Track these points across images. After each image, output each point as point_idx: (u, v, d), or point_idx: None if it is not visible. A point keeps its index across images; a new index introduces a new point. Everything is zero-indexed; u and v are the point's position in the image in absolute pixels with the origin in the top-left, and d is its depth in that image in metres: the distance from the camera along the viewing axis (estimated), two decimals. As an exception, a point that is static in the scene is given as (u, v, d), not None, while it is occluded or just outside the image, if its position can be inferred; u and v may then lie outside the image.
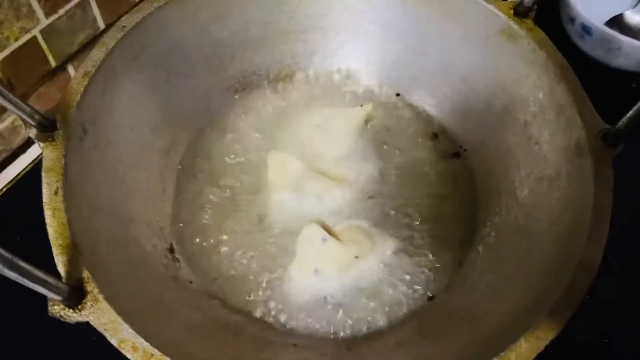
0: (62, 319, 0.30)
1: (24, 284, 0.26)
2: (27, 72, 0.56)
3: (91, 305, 0.30)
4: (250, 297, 0.42)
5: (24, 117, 0.35)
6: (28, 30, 0.53)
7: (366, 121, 0.50)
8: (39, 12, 0.54)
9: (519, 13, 0.44)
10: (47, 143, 0.36)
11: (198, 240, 0.44)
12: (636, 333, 0.44)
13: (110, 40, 0.41)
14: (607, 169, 0.36)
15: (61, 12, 0.56)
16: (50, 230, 0.32)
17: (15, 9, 0.49)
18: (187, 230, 0.45)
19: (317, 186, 0.46)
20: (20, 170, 0.54)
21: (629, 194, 0.38)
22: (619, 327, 0.44)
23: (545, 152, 0.41)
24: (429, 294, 0.42)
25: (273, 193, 0.46)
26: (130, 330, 0.30)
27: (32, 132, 0.36)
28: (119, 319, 0.30)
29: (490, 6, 0.44)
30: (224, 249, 0.44)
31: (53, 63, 0.58)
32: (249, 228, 0.45)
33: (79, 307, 0.30)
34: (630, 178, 0.39)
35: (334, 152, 0.49)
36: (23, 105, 0.34)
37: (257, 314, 0.41)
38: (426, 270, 0.43)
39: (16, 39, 0.51)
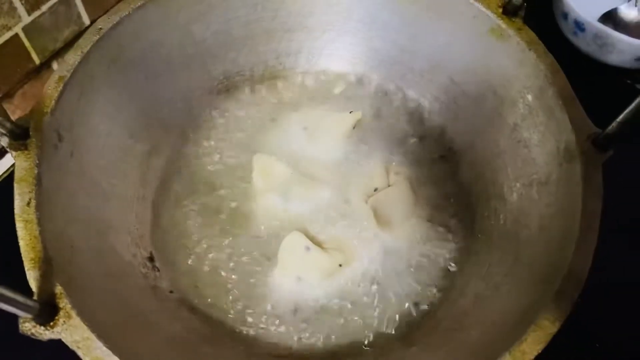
0: (33, 337, 0.29)
1: (-10, 303, 0.25)
2: (10, 71, 0.55)
3: (64, 322, 0.30)
4: (231, 306, 0.41)
5: (-6, 125, 0.34)
6: (9, 28, 0.52)
7: (354, 126, 0.49)
8: (21, 9, 0.53)
9: (508, 12, 0.43)
10: (19, 152, 0.35)
11: (179, 247, 0.43)
12: (627, 338, 0.43)
13: (86, 43, 0.40)
14: (596, 175, 0.35)
15: (44, 8, 0.55)
16: (21, 243, 0.32)
17: (-5, 6, 0.48)
18: (168, 237, 0.44)
19: (303, 190, 0.45)
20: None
21: (619, 201, 0.37)
22: (610, 332, 0.43)
23: (534, 155, 0.40)
24: (415, 302, 0.41)
25: (258, 197, 0.45)
26: (104, 348, 0.29)
27: (4, 141, 0.35)
28: (93, 336, 0.29)
29: (478, 5, 0.43)
30: (205, 256, 0.43)
31: (37, 60, 0.57)
32: (232, 234, 0.44)
33: (52, 324, 0.30)
34: (620, 184, 0.38)
35: (321, 155, 0.48)
36: (-7, 113, 0.33)
37: (239, 324, 0.40)
38: (412, 277, 0.42)
39: (-3, 37, 0.50)
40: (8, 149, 0.35)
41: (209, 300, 0.41)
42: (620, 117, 0.34)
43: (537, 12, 0.44)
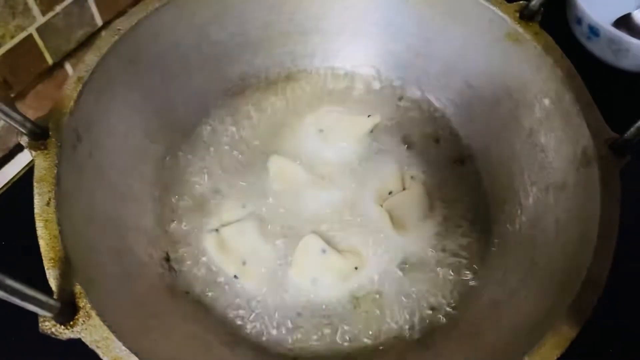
0: (53, 336, 0.29)
1: (11, 301, 0.25)
2: (24, 71, 0.55)
3: (83, 321, 0.30)
4: (247, 306, 0.41)
5: (15, 125, 0.34)
6: (24, 28, 0.52)
7: (371, 130, 0.49)
8: (35, 10, 0.54)
9: (525, 16, 0.42)
10: (39, 152, 0.35)
11: (195, 248, 0.43)
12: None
13: (104, 44, 0.40)
14: (614, 180, 0.35)
15: (58, 9, 0.55)
16: (41, 242, 0.32)
17: (10, 7, 0.48)
18: (183, 238, 0.44)
19: (319, 193, 0.45)
20: (16, 171, 0.53)
21: (637, 206, 0.37)
22: (626, 337, 0.43)
23: (551, 160, 0.40)
24: (432, 306, 0.41)
25: (273, 199, 0.46)
26: (123, 347, 0.29)
27: (24, 140, 0.35)
28: (112, 336, 0.29)
29: (495, 9, 0.43)
30: (221, 257, 0.43)
31: (50, 61, 0.57)
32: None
33: (71, 323, 0.30)
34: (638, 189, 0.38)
35: (336, 158, 0.48)
36: (14, 113, 0.33)
37: (255, 324, 0.40)
38: (428, 281, 0.42)
39: (12, 37, 0.50)
40: (27, 149, 0.35)
41: (225, 300, 0.41)
42: (639, 122, 0.34)
43: (551, 16, 0.44)
